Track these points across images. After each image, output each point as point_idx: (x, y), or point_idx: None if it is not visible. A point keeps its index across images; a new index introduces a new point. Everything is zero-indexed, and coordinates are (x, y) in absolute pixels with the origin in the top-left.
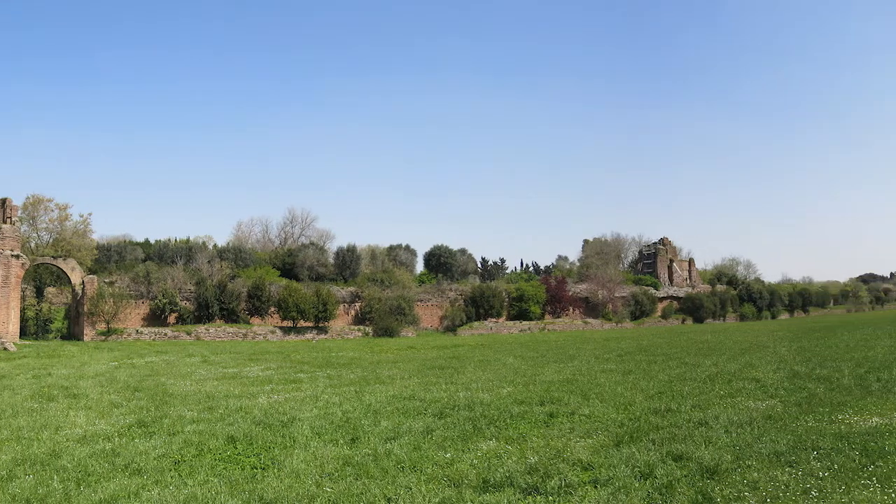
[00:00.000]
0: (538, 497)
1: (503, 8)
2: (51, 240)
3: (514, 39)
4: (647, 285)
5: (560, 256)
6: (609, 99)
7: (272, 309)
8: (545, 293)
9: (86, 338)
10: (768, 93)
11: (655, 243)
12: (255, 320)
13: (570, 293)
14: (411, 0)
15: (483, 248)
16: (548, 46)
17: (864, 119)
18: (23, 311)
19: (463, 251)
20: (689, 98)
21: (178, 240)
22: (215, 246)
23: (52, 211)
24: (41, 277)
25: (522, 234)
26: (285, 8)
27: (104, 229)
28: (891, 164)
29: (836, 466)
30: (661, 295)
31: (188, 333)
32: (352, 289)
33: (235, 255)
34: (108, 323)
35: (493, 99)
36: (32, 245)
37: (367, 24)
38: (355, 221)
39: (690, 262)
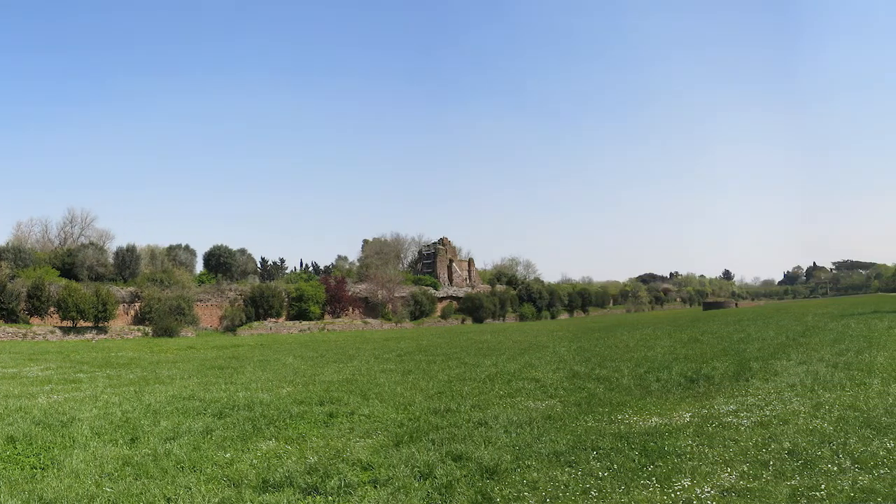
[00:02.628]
0: (318, 497)
1: (285, 7)
2: None
3: (295, 40)
4: (426, 285)
5: (340, 256)
6: (389, 99)
7: (52, 309)
8: (325, 293)
9: None
10: (550, 93)
11: (435, 243)
12: (35, 320)
13: (350, 293)
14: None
15: (263, 249)
16: (329, 47)
17: (645, 119)
18: None
19: (243, 251)
20: (470, 98)
21: None
22: None
23: None
24: None
25: (302, 233)
26: (61, 7)
27: None
28: (669, 165)
29: (615, 466)
30: (441, 295)
31: None
32: (131, 289)
33: (15, 256)
34: None
35: (274, 98)
36: None
37: (148, 24)
38: (135, 221)
39: (470, 262)
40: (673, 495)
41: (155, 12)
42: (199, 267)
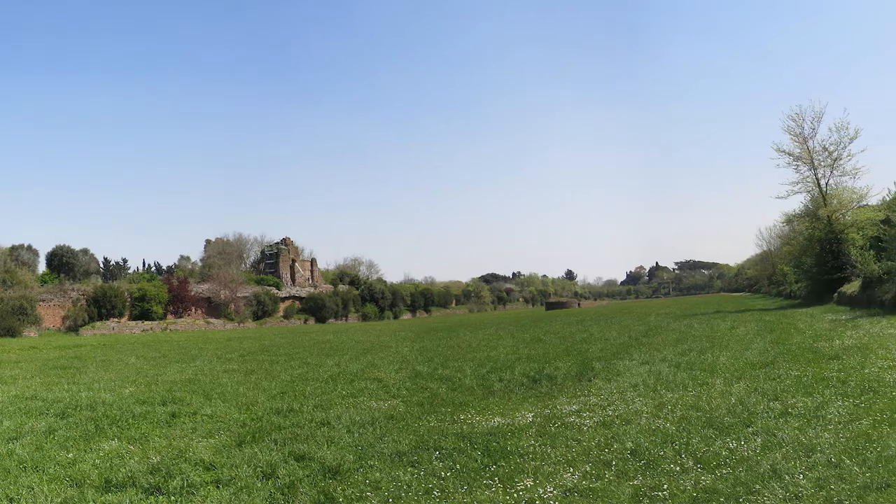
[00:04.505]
0: (160, 497)
1: (124, 6)
2: None
3: (136, 38)
4: (269, 285)
5: (183, 256)
6: (230, 97)
7: None
8: (167, 293)
9: None
10: (392, 93)
11: (278, 243)
12: None
13: (193, 293)
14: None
15: (106, 249)
16: (170, 44)
17: (487, 119)
18: None
19: (85, 251)
20: (311, 97)
21: None
22: None
23: None
24: None
25: (145, 234)
26: None
27: None
28: (511, 164)
29: (458, 466)
30: (284, 295)
31: None
32: None
33: None
34: None
35: (116, 97)
36: None
37: None
38: None
39: (313, 261)
40: (515, 495)
41: None
42: (42, 267)
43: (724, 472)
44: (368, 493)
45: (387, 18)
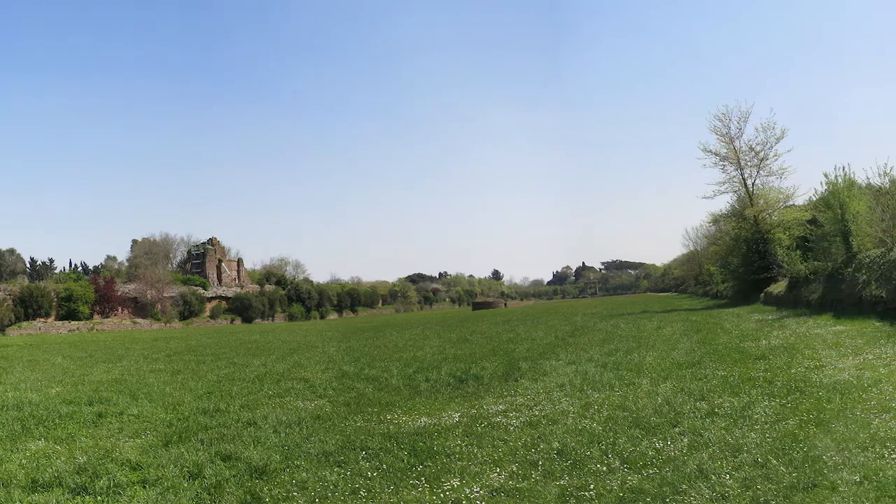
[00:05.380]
0: (87, 497)
1: (51, 4)
2: None
3: (60, 37)
4: (196, 285)
5: (109, 256)
6: (156, 97)
7: None
8: (94, 293)
9: None
10: (315, 94)
11: (204, 243)
12: None
13: (120, 293)
14: None
15: (32, 249)
16: (94, 43)
17: (411, 120)
18: None
19: (12, 251)
20: (239, 97)
21: None
22: None
23: None
24: None
25: (72, 233)
26: None
27: None
28: (438, 165)
29: (385, 466)
30: (210, 295)
31: None
32: None
33: None
34: None
35: (40, 96)
36: None
37: None
38: None
39: (239, 262)
40: (442, 495)
41: None
42: None
43: (651, 472)
44: (295, 493)
45: (311, 20)
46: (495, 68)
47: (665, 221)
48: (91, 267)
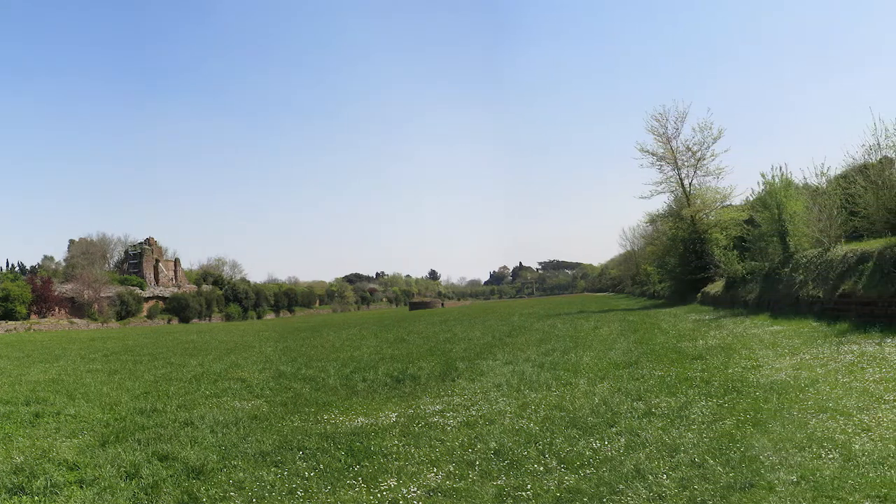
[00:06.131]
0: (24, 497)
1: None
2: None
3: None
4: (133, 285)
5: (46, 256)
6: (93, 96)
7: None
8: (31, 293)
9: None
10: (253, 94)
11: (141, 243)
12: None
13: (57, 293)
14: None
15: None
16: (29, 43)
17: (350, 119)
18: None
19: None
20: (175, 97)
21: None
22: None
23: None
24: None
25: (8, 233)
26: None
27: None
28: (373, 165)
29: (322, 466)
30: (147, 295)
31: None
32: None
33: None
34: None
35: None
36: None
37: None
38: None
39: (176, 262)
40: (379, 495)
41: None
42: None
43: (588, 472)
44: (232, 493)
45: (250, 20)
46: (430, 68)
47: (602, 221)
48: (28, 267)
